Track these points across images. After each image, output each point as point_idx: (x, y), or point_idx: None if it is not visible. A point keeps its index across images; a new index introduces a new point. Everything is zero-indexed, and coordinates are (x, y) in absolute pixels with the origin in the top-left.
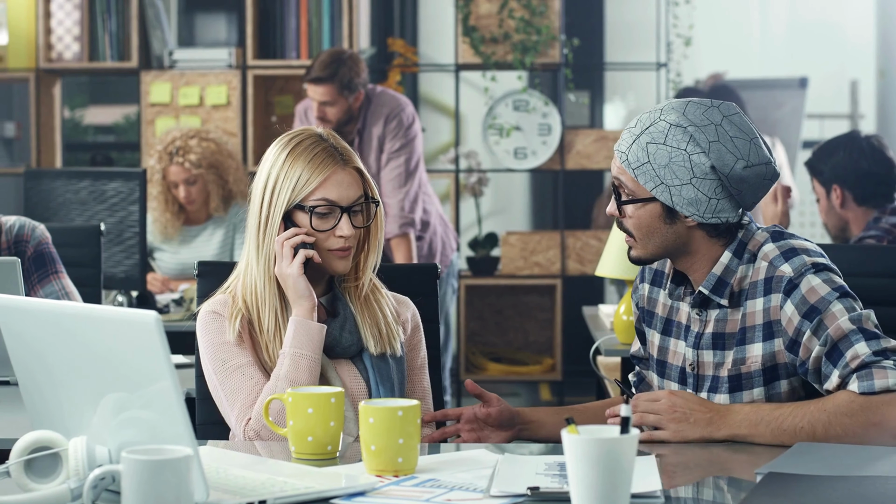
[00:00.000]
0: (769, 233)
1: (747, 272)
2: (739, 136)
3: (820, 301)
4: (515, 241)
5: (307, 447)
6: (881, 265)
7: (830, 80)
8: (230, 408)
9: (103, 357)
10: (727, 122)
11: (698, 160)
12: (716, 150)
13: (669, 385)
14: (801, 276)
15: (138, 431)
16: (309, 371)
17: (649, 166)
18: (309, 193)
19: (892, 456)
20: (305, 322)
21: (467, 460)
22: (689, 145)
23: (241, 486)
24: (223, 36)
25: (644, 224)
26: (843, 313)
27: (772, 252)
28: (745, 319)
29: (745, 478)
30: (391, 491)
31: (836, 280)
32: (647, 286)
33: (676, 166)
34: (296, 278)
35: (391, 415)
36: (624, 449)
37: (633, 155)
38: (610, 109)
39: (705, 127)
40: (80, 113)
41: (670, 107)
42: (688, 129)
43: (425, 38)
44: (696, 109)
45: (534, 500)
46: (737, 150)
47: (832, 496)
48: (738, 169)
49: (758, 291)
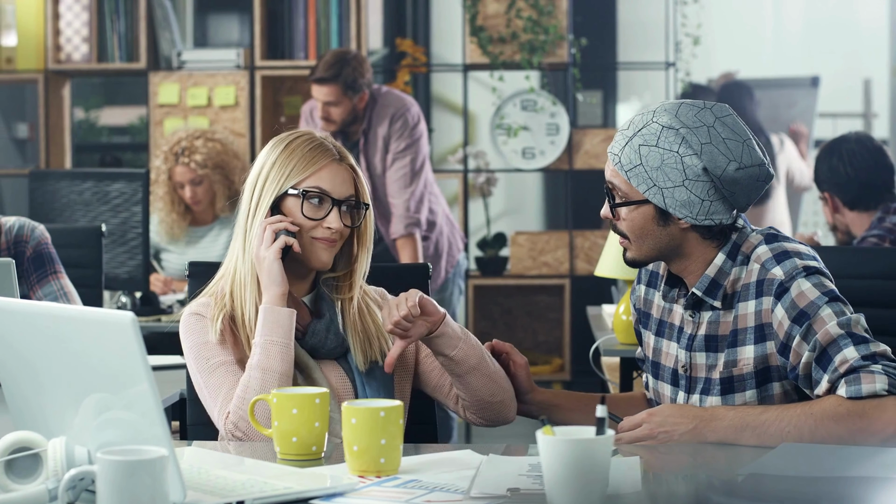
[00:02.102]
0: (763, 235)
1: (740, 274)
2: (732, 137)
3: (809, 305)
4: (524, 241)
5: (292, 448)
6: (875, 267)
7: (844, 78)
8: (213, 404)
9: (83, 358)
10: (719, 123)
11: (690, 162)
12: (708, 151)
13: (663, 387)
14: (792, 280)
15: (118, 432)
16: (280, 357)
17: (642, 168)
18: (302, 179)
19: (875, 457)
20: (274, 309)
21: (452, 461)
22: (681, 147)
23: (220, 487)
24: (236, 37)
25: (637, 226)
26: (832, 318)
27: (764, 254)
28: (736, 322)
29: (729, 478)
30: (372, 492)
31: (827, 284)
32: (644, 287)
33: (669, 168)
34: (271, 262)
35: (373, 415)
36: (598, 450)
37: (625, 157)
38: (623, 109)
39: (697, 129)
40: (95, 114)
41: (663, 109)
42: (680, 130)
43: (438, 39)
44: (688, 111)
45: (513, 502)
46: (729, 151)
47: (812, 497)
48: (731, 171)
49: (750, 294)
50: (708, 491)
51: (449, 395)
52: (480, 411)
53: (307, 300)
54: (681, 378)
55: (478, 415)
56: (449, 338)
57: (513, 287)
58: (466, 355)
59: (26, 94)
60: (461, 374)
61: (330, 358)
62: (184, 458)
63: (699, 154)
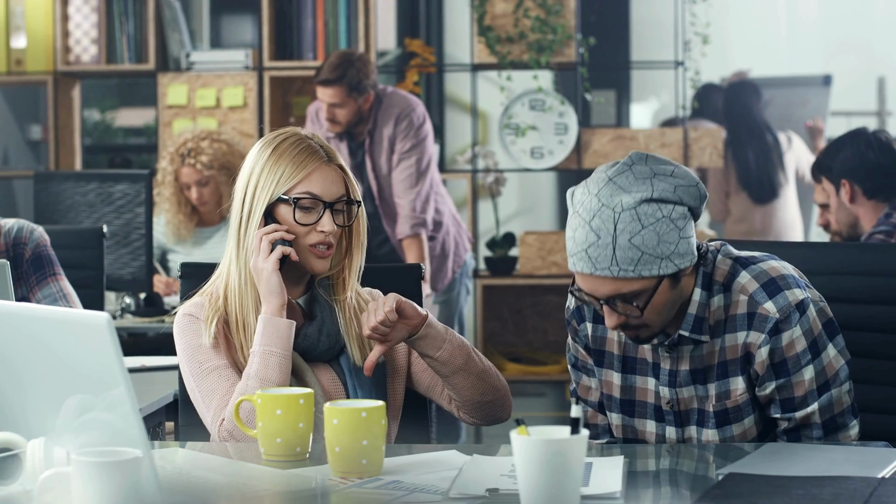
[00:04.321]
0: (731, 259)
1: (721, 303)
2: (671, 166)
3: (794, 361)
4: (533, 240)
5: (276, 448)
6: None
7: (857, 76)
8: (206, 409)
9: (63, 359)
10: (653, 163)
11: (677, 214)
12: (680, 192)
13: (644, 423)
14: (787, 321)
15: (98, 434)
16: (279, 368)
17: (646, 256)
18: (293, 186)
19: (858, 456)
20: (274, 319)
21: (436, 462)
22: (661, 209)
23: (198, 488)
24: (250, 38)
25: (659, 305)
26: (814, 397)
27: (750, 285)
28: (724, 353)
29: (708, 478)
30: (351, 493)
31: (816, 324)
32: (591, 325)
33: (666, 234)
34: (269, 273)
35: (355, 416)
36: (572, 449)
37: (623, 262)
38: (637, 108)
39: (653, 182)
40: (111, 115)
41: (607, 196)
42: (645, 197)
43: (451, 39)
44: (626, 178)
45: (491, 502)
46: (685, 176)
47: (786, 496)
48: (700, 192)
49: (738, 325)
50: (686, 490)
51: (442, 396)
52: (473, 411)
53: (302, 301)
54: (666, 413)
55: (470, 414)
56: (433, 339)
57: (522, 287)
58: (452, 356)
59: (39, 96)
60: (448, 375)
61: (322, 360)
62: (177, 459)
63: (679, 201)
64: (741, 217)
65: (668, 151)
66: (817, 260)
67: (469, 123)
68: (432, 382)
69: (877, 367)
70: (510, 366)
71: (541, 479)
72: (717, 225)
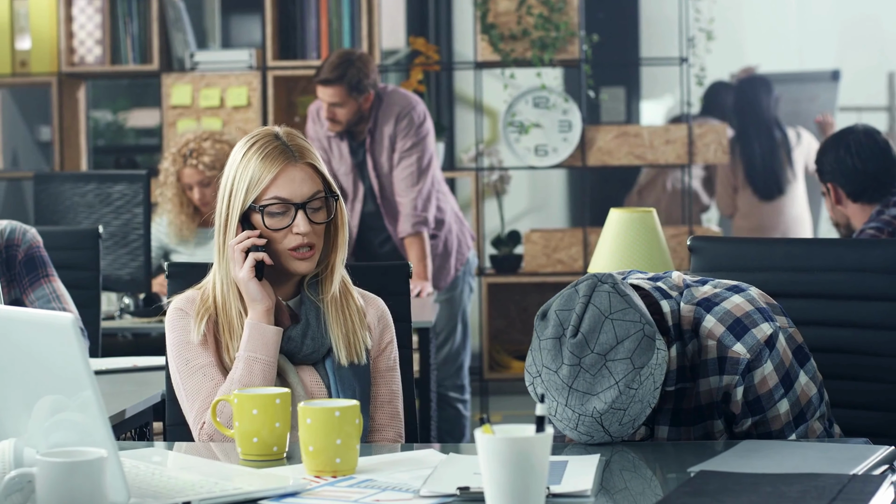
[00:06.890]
0: (693, 304)
1: (693, 348)
2: (627, 315)
3: (767, 397)
4: (538, 238)
5: (253, 448)
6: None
7: (868, 72)
8: (189, 407)
9: (34, 360)
10: (586, 333)
11: (646, 372)
12: (637, 349)
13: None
14: (758, 359)
15: (67, 434)
16: (262, 375)
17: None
18: (261, 193)
19: (835, 453)
20: (260, 325)
21: (412, 461)
22: (634, 382)
23: (169, 488)
24: (258, 37)
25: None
26: (791, 429)
27: (717, 329)
28: (700, 397)
29: (681, 476)
30: (323, 492)
31: (787, 354)
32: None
33: (649, 396)
34: (246, 282)
35: (328, 415)
36: (536, 448)
37: (615, 432)
38: (647, 105)
39: (608, 367)
40: (123, 116)
41: (578, 404)
42: (615, 396)
43: (459, 37)
44: (585, 379)
45: (463, 500)
46: (626, 315)
47: (753, 494)
48: (649, 320)
49: (709, 370)
50: (657, 488)
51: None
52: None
53: (292, 303)
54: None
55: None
56: None
57: (527, 285)
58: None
59: (48, 97)
60: None
61: (306, 363)
62: (154, 458)
63: (641, 366)
64: (748, 213)
65: (672, 148)
66: (801, 256)
67: (477, 121)
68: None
69: (862, 362)
70: (515, 363)
71: (505, 477)
72: (725, 221)
